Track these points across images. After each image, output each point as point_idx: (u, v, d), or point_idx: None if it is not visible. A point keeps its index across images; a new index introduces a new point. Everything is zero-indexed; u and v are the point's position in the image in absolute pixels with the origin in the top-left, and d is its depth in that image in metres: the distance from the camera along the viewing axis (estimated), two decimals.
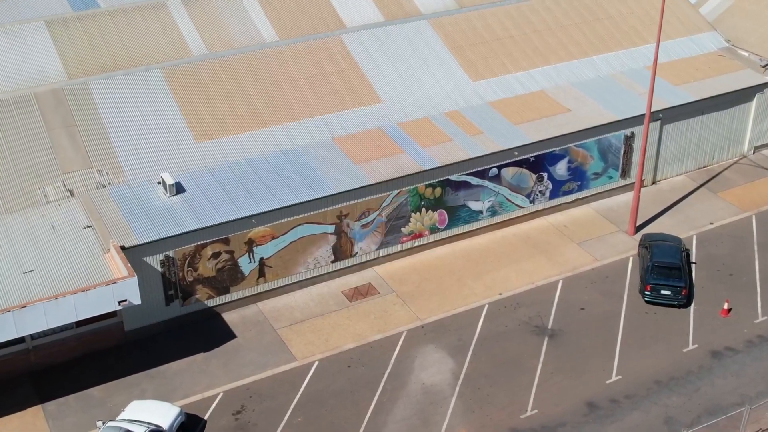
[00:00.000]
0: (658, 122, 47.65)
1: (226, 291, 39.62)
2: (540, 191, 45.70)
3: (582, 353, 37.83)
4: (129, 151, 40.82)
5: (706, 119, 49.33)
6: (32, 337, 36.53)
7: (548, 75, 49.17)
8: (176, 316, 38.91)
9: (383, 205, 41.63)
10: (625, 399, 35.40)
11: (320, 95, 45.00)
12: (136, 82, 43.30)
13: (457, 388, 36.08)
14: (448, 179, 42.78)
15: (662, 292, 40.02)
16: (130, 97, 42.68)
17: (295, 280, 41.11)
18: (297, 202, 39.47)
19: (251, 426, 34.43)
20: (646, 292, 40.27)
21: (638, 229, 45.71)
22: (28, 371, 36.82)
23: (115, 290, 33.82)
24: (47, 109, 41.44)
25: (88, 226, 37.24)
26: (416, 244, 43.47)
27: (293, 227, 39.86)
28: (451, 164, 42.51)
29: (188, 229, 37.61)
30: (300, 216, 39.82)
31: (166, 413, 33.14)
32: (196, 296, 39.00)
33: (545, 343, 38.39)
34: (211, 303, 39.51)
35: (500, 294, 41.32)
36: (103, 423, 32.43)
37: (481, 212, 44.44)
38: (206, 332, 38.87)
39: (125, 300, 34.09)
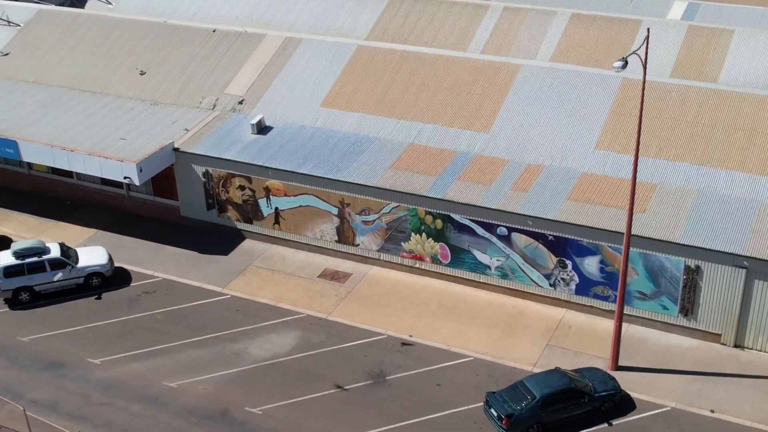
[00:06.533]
0: (743, 271, 37.33)
1: (250, 222, 47.59)
2: (563, 278, 41.00)
3: (366, 406, 36.71)
4: (272, 96, 50.44)
5: None
6: (129, 189, 50.82)
7: (687, 174, 41.67)
8: (214, 222, 48.65)
9: (382, 210, 43.74)
10: None
11: (444, 106, 47.23)
12: (325, 49, 51.84)
13: (251, 366, 39.21)
14: (450, 216, 42.27)
15: (485, 410, 35.18)
16: (304, 58, 51.54)
17: (305, 242, 46.56)
18: (298, 171, 44.85)
19: (135, 304, 43.68)
20: (485, 402, 35.78)
21: (625, 368, 38.08)
22: (123, 211, 51.37)
23: (123, 167, 45.83)
24: (264, 48, 53.20)
25: (186, 129, 49.23)
26: (417, 265, 44.16)
27: (301, 193, 45.38)
28: (444, 200, 41.95)
29: (218, 156, 46.69)
30: (306, 186, 45.04)
31: (90, 259, 44.71)
32: (228, 214, 48.02)
33: (356, 385, 37.93)
34: (239, 225, 48.03)
35: (410, 336, 40.65)
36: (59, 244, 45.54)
37: (488, 267, 42.41)
38: (219, 243, 47.69)
39: (128, 177, 45.86)
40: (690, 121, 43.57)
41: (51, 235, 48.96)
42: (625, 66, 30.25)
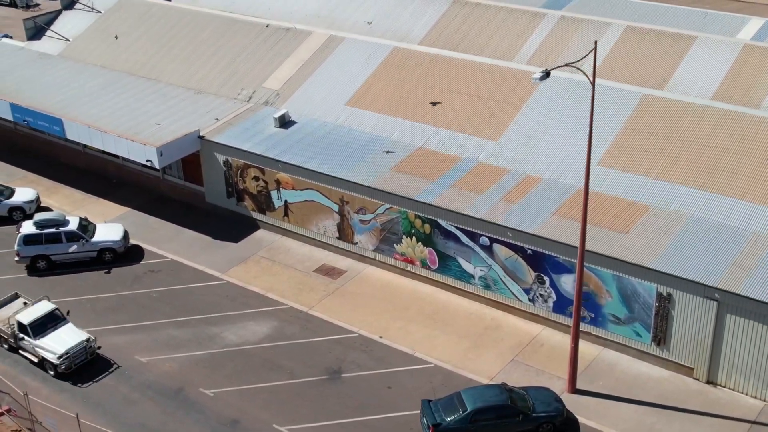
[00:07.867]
0: (715, 303, 35.36)
1: (263, 212, 48.83)
2: (541, 294, 40.02)
3: (311, 400, 37.18)
4: (304, 92, 51.53)
5: None
6: (164, 173, 53.16)
7: (686, 198, 39.77)
8: (233, 210, 50.20)
9: (377, 211, 43.95)
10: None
11: (461, 111, 46.90)
12: (362, 49, 52.46)
13: (220, 350, 40.36)
14: (437, 221, 42.03)
15: (420, 417, 34.92)
16: (341, 56, 52.29)
17: (310, 236, 47.36)
18: (303, 166, 45.66)
19: (138, 281, 45.69)
20: (420, 409, 35.51)
21: (584, 392, 36.85)
22: (159, 192, 53.79)
23: (145, 150, 48.09)
24: (307, 45, 54.38)
25: (216, 119, 51.05)
26: (408, 268, 44.12)
27: (306, 188, 46.20)
28: (430, 205, 41.71)
29: (236, 146, 48.15)
30: (311, 181, 45.80)
31: (105, 234, 47.16)
32: (245, 203, 49.46)
33: (309, 379, 38.39)
34: (254, 215, 49.36)
35: (380, 337, 40.75)
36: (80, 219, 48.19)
37: (472, 276, 41.90)
38: (234, 230, 49.10)
39: (150, 160, 48.07)
40: (701, 143, 41.52)
41: (88, 210, 51.83)
42: (544, 77, 29.25)
